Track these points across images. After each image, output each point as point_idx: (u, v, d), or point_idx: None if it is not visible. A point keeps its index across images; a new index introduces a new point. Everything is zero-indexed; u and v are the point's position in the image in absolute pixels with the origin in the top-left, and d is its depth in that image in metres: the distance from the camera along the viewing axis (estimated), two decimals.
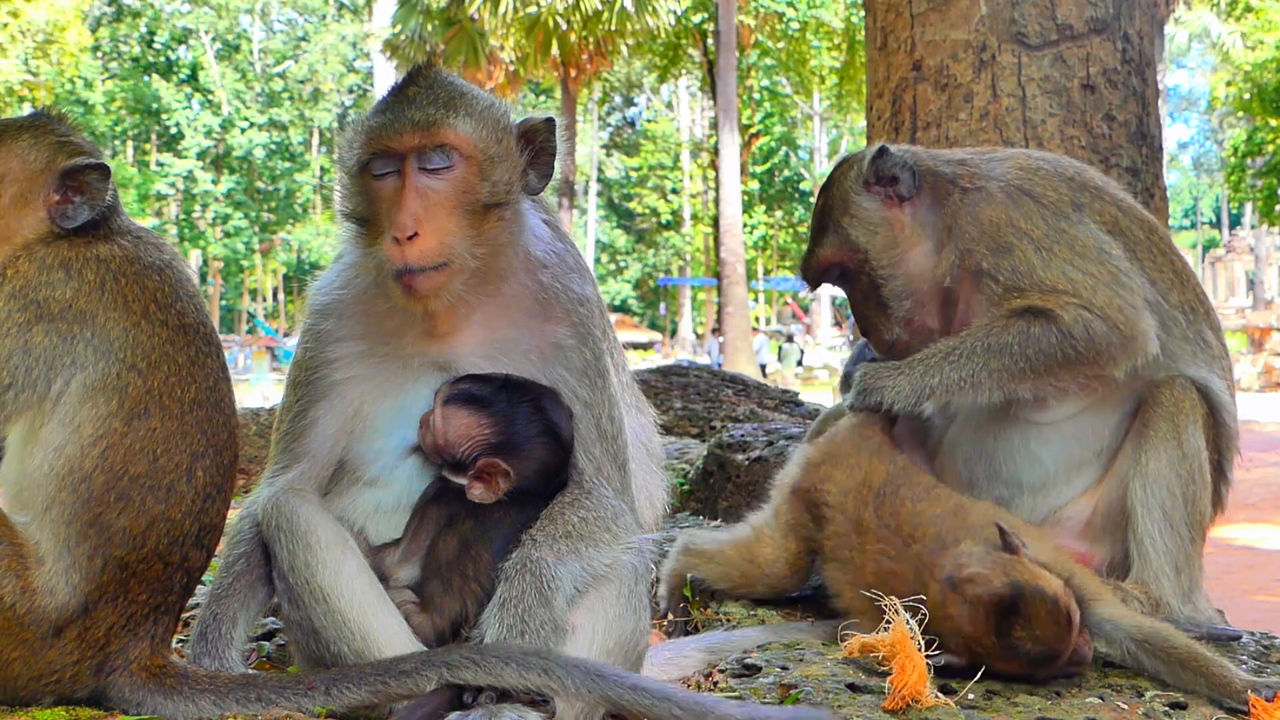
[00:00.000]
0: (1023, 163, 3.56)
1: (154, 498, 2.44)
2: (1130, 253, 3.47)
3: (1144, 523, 3.32)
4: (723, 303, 34.60)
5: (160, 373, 2.48)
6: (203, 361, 2.56)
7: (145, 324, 2.50)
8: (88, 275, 2.49)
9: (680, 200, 64.14)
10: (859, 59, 41.12)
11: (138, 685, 2.45)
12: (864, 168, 3.54)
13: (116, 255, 2.54)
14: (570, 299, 2.84)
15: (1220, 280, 63.25)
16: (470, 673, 2.35)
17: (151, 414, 2.46)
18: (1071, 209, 3.45)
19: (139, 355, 2.47)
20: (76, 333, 2.44)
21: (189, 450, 2.49)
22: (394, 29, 35.11)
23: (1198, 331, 3.52)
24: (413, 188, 2.63)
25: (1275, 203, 34.38)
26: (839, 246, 3.57)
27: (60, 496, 2.40)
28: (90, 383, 2.43)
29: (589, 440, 2.80)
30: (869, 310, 3.59)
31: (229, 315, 66.64)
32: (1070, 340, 3.28)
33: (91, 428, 2.42)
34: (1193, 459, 3.33)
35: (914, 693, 2.62)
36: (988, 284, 3.39)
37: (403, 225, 2.60)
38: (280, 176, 67.69)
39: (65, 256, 2.51)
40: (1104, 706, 2.77)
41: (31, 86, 38.02)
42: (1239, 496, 13.01)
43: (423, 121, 2.64)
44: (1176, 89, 76.77)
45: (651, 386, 7.75)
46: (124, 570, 2.42)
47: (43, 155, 2.59)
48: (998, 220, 3.40)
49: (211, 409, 2.55)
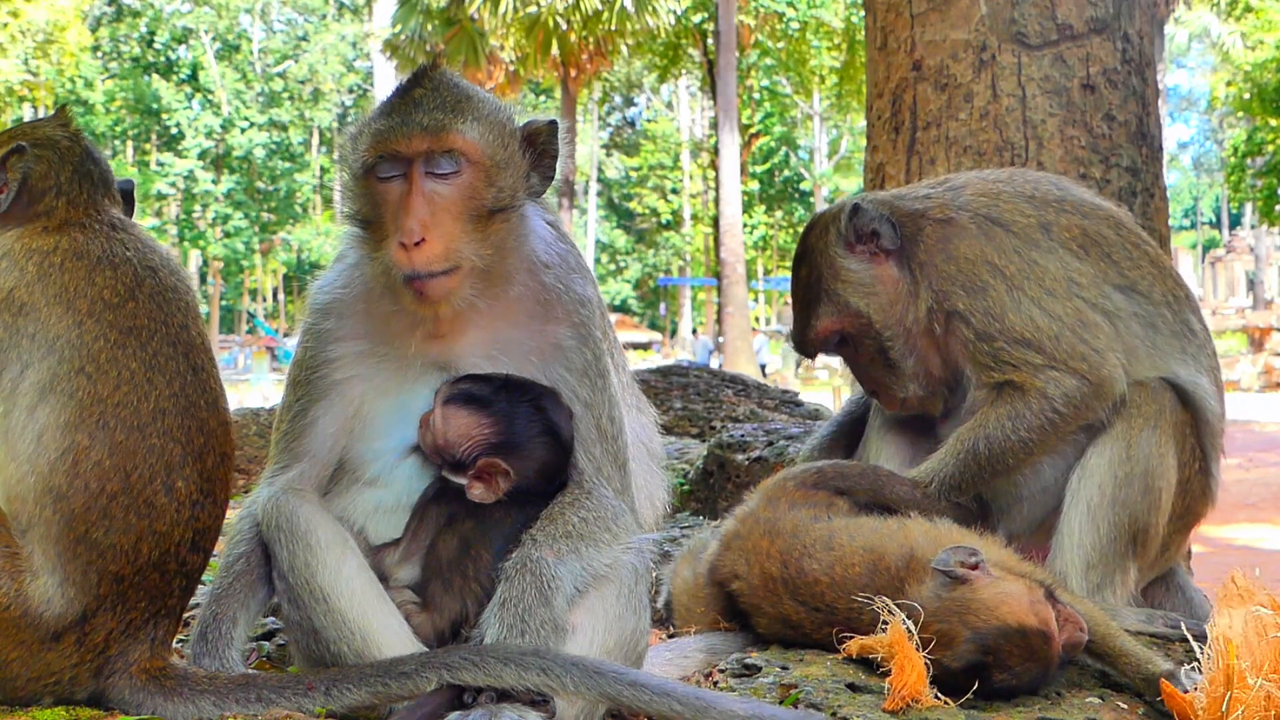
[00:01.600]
0: (983, 188, 3.54)
1: (136, 514, 2.39)
2: (1106, 260, 3.46)
3: (1067, 514, 3.33)
4: (723, 303, 34.59)
5: (110, 380, 2.39)
6: (162, 365, 2.46)
7: (90, 323, 2.42)
8: (28, 266, 2.44)
9: (680, 200, 64.12)
10: (859, 59, 41.12)
11: (137, 687, 2.45)
12: (842, 227, 3.49)
13: (62, 247, 2.47)
14: (572, 300, 2.84)
15: (1220, 280, 63.22)
16: (470, 673, 2.35)
17: (111, 426, 2.38)
18: (1040, 232, 3.44)
19: (85, 357, 2.39)
20: (20, 325, 2.39)
21: (162, 463, 2.42)
22: (394, 29, 35.09)
23: (1183, 321, 3.52)
24: (420, 193, 2.62)
25: (1275, 203, 34.37)
26: (838, 315, 3.52)
27: (42, 515, 2.36)
28: (40, 382, 2.37)
29: (589, 440, 2.80)
30: (877, 371, 3.55)
31: (229, 315, 66.59)
32: (1048, 404, 3.31)
33: (54, 440, 2.35)
34: (1138, 462, 3.31)
35: (914, 693, 2.62)
36: (960, 328, 3.38)
37: (410, 231, 2.59)
38: (280, 176, 67.67)
39: (10, 247, 2.47)
40: (1104, 706, 2.77)
41: (31, 86, 38.02)
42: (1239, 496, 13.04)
43: (431, 126, 2.62)
44: (1176, 89, 76.84)
45: (651, 386, 7.74)
46: (120, 583, 2.40)
47: None
48: (973, 256, 3.40)
49: (181, 415, 2.46)
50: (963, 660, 2.67)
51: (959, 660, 2.67)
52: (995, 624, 2.68)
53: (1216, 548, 11.56)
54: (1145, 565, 3.39)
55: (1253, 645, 2.40)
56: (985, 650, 2.67)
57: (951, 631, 2.69)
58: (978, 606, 2.70)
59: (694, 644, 3.19)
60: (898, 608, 2.73)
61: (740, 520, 3.30)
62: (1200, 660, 2.55)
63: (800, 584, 3.02)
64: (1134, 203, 4.73)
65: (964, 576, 2.74)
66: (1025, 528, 3.49)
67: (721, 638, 3.23)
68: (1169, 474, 3.36)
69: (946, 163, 4.76)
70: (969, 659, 2.67)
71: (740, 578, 3.18)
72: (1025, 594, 2.72)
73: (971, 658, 2.67)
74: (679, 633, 3.38)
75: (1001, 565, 2.84)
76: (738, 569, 3.19)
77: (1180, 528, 3.51)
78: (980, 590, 2.73)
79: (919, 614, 2.72)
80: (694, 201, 62.03)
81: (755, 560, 3.13)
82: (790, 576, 3.04)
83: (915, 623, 2.71)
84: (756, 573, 3.12)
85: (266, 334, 49.54)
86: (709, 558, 3.34)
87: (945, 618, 2.71)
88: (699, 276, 61.04)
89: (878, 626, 2.78)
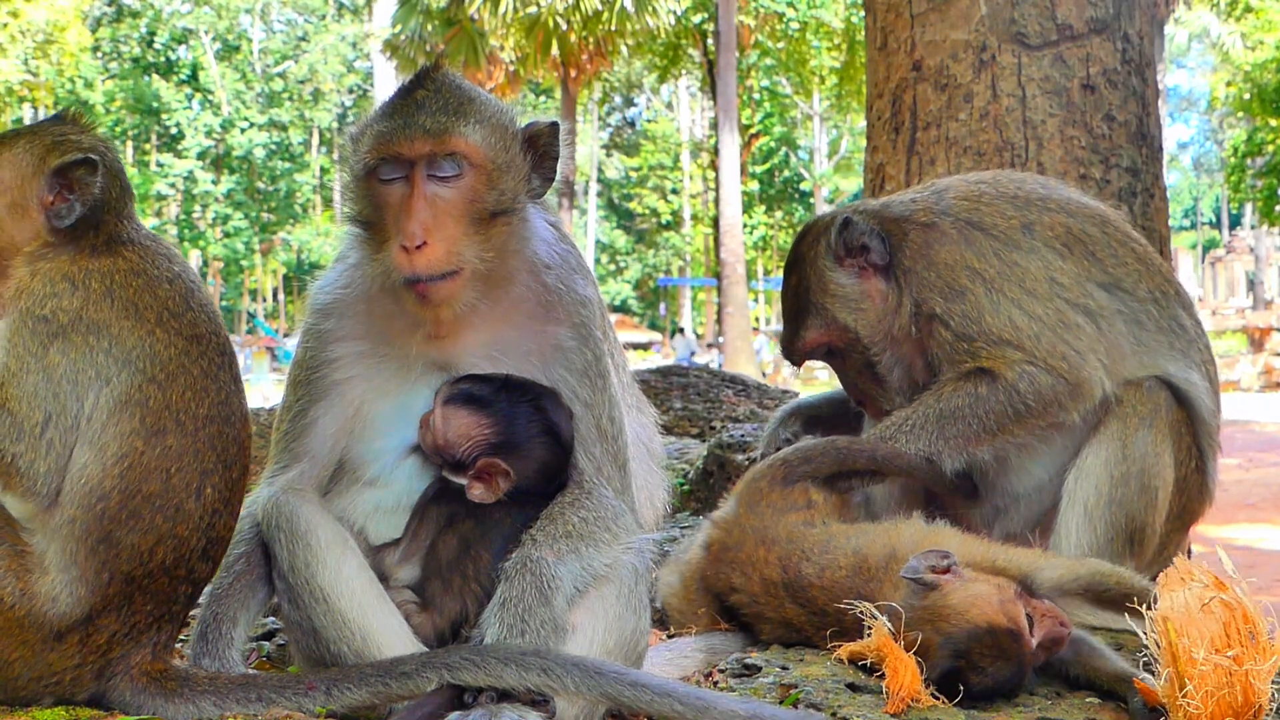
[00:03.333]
0: (965, 191, 3.55)
1: (163, 516, 2.41)
2: (1089, 257, 3.47)
3: (1064, 514, 3.34)
4: (723, 303, 34.57)
5: (178, 385, 2.44)
6: (215, 374, 2.51)
7: (160, 332, 2.45)
8: (93, 285, 2.44)
9: (680, 200, 64.11)
10: (859, 59, 41.09)
11: (138, 689, 2.45)
12: (832, 241, 3.50)
13: (120, 267, 2.48)
14: (573, 300, 2.84)
15: (1220, 280, 63.20)
16: (470, 673, 2.35)
17: (168, 431, 2.42)
18: (1021, 233, 3.45)
19: (157, 366, 2.42)
20: (93, 344, 2.39)
21: (199, 468, 2.45)
22: (394, 29, 35.07)
23: (1171, 317, 3.52)
24: (421, 196, 2.61)
25: (1275, 203, 34.36)
26: (825, 328, 3.54)
27: (77, 514, 2.37)
28: (117, 396, 2.39)
29: (589, 440, 2.80)
30: (863, 383, 3.58)
31: (229, 315, 66.47)
32: (1017, 396, 3.31)
33: (116, 445, 2.38)
34: (1134, 461, 3.32)
35: (911, 693, 2.62)
36: (939, 330, 3.40)
37: (412, 234, 2.59)
38: (280, 176, 67.65)
39: (67, 270, 2.44)
40: (1104, 706, 2.77)
41: (31, 86, 38.01)
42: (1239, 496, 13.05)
43: (434, 129, 2.62)
44: (1176, 89, 76.81)
45: (651, 386, 7.73)
46: (129, 584, 2.41)
47: (34, 158, 2.50)
48: (952, 262, 3.41)
49: (223, 424, 2.50)
50: (939, 668, 2.68)
51: (936, 668, 2.68)
52: (965, 627, 2.69)
53: (1217, 548, 11.53)
54: (1143, 564, 3.39)
55: (1196, 622, 2.41)
56: (958, 655, 2.68)
57: (927, 640, 2.70)
58: (948, 612, 2.72)
59: (694, 644, 3.19)
60: (879, 610, 2.73)
61: (725, 530, 3.28)
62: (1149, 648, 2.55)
63: (798, 587, 3.03)
64: (1134, 203, 4.73)
65: (933, 583, 2.75)
66: (1023, 527, 3.50)
67: (721, 638, 3.23)
68: (1165, 473, 3.37)
69: (946, 163, 4.76)
70: (944, 665, 2.68)
71: (739, 590, 3.18)
72: (994, 594, 2.73)
73: (946, 664, 2.68)
74: (679, 633, 3.38)
75: (976, 564, 2.85)
76: (734, 581, 3.19)
77: (1178, 526, 3.51)
78: (950, 595, 2.73)
79: (900, 614, 2.72)
80: (694, 202, 62.03)
81: (754, 570, 3.13)
82: (790, 580, 3.05)
83: (899, 622, 2.71)
84: (757, 580, 3.13)
85: (266, 334, 49.51)
86: (697, 565, 3.34)
87: (919, 625, 2.72)
88: (699, 277, 61.05)
89: (863, 631, 2.78)
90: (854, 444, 3.41)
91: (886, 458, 3.34)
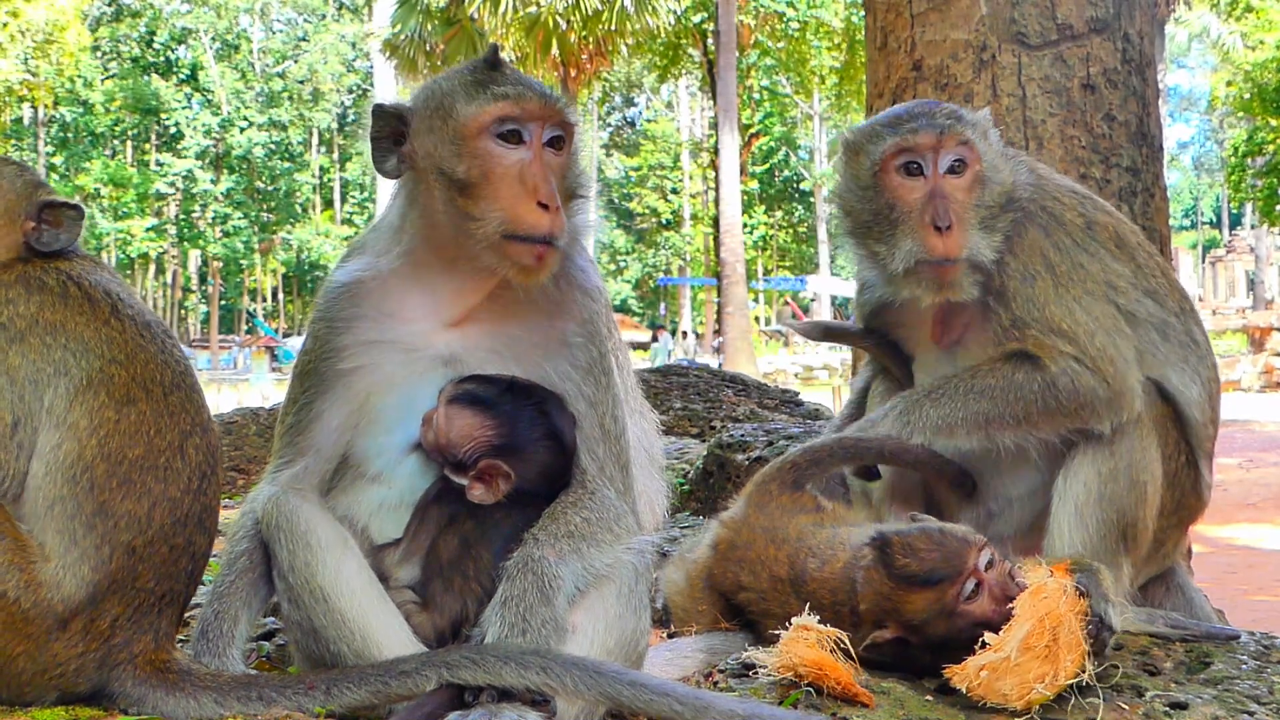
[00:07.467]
0: (1038, 173, 3.53)
1: (154, 477, 2.49)
2: (1132, 263, 3.46)
3: (1056, 513, 3.32)
4: (722, 303, 34.58)
5: (139, 361, 2.57)
6: (170, 351, 2.64)
7: (115, 321, 2.58)
8: (49, 283, 2.57)
9: (680, 200, 64.09)
10: (859, 59, 41.10)
11: (140, 680, 2.46)
12: None
13: (76, 268, 2.63)
14: (581, 295, 2.84)
15: (1220, 280, 63.23)
16: (470, 673, 2.36)
17: (138, 400, 2.53)
18: (1085, 231, 3.43)
19: (116, 348, 2.55)
20: (51, 343, 2.51)
21: (178, 429, 2.56)
22: (394, 29, 35.04)
23: (1188, 331, 3.52)
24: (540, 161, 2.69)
25: (1275, 203, 34.36)
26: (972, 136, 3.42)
27: (63, 492, 2.43)
28: (77, 383, 2.49)
29: (593, 439, 2.80)
30: (961, 206, 3.34)
31: (229, 315, 66.63)
32: (1054, 390, 3.27)
33: (87, 420, 2.47)
34: (1121, 457, 3.30)
35: (848, 691, 2.67)
36: (997, 309, 3.34)
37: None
38: (280, 176, 67.66)
39: (23, 272, 2.58)
40: (1105, 706, 2.77)
41: (31, 86, 38.04)
42: (1239, 496, 13.07)
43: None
44: (1176, 89, 76.78)
45: (651, 386, 7.74)
46: (132, 555, 2.45)
47: (26, 185, 2.69)
48: (1032, 246, 3.37)
49: (189, 391, 2.63)
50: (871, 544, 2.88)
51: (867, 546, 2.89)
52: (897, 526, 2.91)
53: (1217, 548, 11.55)
54: (1138, 561, 3.39)
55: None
56: (883, 535, 2.88)
57: (864, 549, 2.89)
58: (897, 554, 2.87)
59: (694, 644, 3.19)
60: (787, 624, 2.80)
61: (734, 529, 3.30)
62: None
63: (800, 582, 3.05)
64: (1134, 203, 4.73)
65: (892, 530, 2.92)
66: (1016, 529, 3.49)
67: (721, 638, 3.23)
68: (1153, 467, 3.36)
69: None
70: (874, 541, 2.88)
71: (746, 588, 3.19)
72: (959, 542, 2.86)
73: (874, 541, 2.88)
74: (679, 633, 3.38)
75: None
76: (742, 579, 3.20)
77: (1175, 524, 3.50)
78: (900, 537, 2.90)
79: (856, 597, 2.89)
80: (694, 201, 62.02)
81: (764, 568, 3.15)
82: (795, 576, 3.08)
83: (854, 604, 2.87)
84: (765, 578, 3.14)
85: (266, 334, 49.57)
86: (704, 564, 3.35)
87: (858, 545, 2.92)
88: (699, 276, 61.04)
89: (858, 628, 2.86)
90: (860, 440, 3.42)
91: (894, 452, 3.36)
